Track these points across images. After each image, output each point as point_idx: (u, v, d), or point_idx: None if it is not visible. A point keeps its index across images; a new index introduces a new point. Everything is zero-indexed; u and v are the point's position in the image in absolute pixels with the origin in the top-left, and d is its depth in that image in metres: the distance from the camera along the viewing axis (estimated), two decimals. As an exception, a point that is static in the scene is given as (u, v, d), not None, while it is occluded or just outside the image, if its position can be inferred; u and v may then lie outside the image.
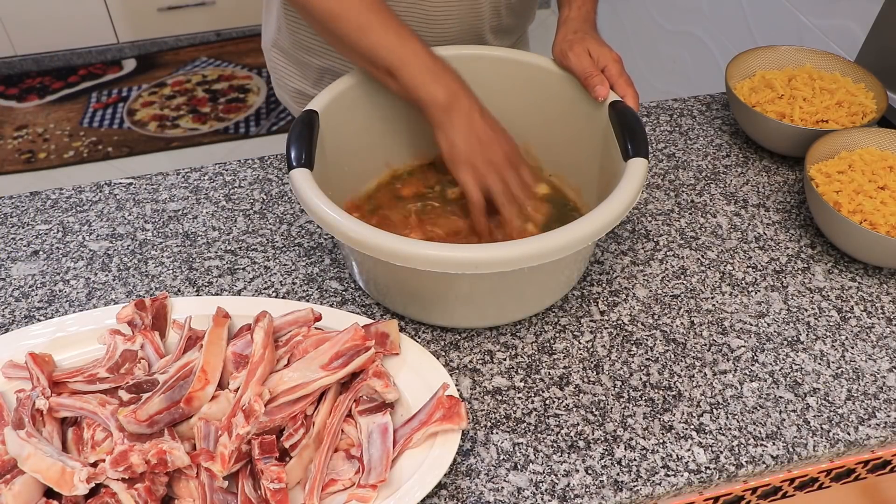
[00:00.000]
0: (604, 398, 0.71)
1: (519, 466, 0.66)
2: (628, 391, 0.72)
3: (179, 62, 2.78)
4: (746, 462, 0.67)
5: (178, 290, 0.80)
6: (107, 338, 0.70)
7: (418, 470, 0.62)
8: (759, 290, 0.82)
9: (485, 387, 0.72)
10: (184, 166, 1.01)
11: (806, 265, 0.85)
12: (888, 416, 0.71)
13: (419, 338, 0.76)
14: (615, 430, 0.69)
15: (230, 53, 2.82)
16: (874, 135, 0.90)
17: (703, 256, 0.85)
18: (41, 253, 0.85)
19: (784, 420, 0.70)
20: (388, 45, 0.75)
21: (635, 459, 0.67)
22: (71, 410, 0.64)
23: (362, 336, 0.67)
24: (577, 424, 0.69)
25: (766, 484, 0.71)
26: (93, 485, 0.59)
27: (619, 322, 0.78)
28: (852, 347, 0.77)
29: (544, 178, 0.88)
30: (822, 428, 0.70)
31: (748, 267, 0.84)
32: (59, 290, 0.80)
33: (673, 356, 0.75)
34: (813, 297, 0.81)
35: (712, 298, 0.81)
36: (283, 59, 1.04)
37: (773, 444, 0.68)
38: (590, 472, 0.66)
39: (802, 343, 0.77)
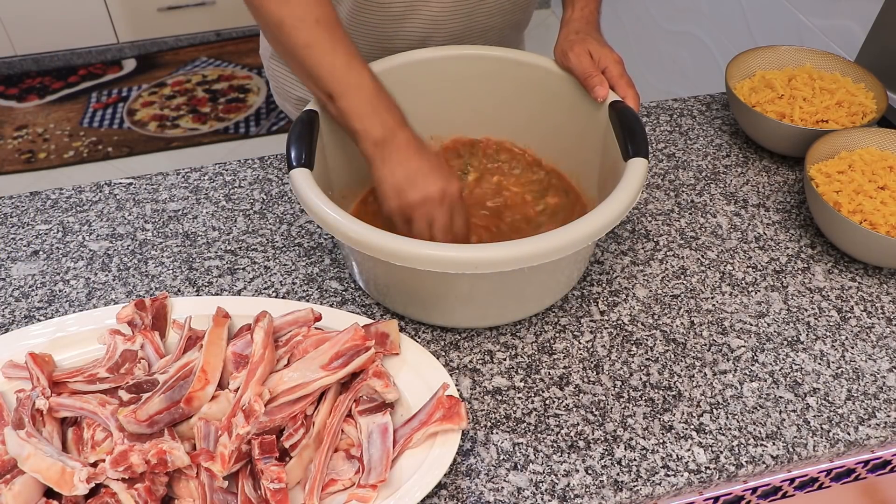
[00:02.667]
0: (604, 398, 0.71)
1: (519, 466, 0.66)
2: (628, 391, 0.72)
3: (179, 62, 2.78)
4: (746, 462, 0.67)
5: (178, 290, 0.80)
6: (107, 338, 0.70)
7: (418, 470, 0.62)
8: (759, 290, 0.82)
9: (485, 387, 0.72)
10: (184, 166, 1.01)
11: (806, 265, 0.85)
12: (888, 416, 0.71)
13: (419, 338, 0.76)
14: (615, 430, 0.69)
15: (230, 53, 2.82)
16: (874, 135, 0.90)
17: (703, 256, 0.85)
18: (41, 253, 0.85)
19: (784, 420, 0.70)
20: (332, 67, 0.71)
21: (635, 459, 0.67)
22: (71, 410, 0.64)
23: (362, 336, 0.67)
24: (577, 424, 0.69)
25: (766, 484, 0.71)
26: (93, 485, 0.59)
27: (619, 322, 0.78)
28: (852, 347, 0.77)
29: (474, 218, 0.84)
30: (822, 428, 0.70)
31: (748, 267, 0.85)
32: (59, 290, 0.80)
33: (673, 356, 0.75)
34: (813, 297, 0.81)
35: (712, 298, 0.81)
36: (283, 69, 1.04)
37: (773, 444, 0.68)
38: (590, 472, 0.66)
39: (802, 343, 0.77)
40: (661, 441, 0.68)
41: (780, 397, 0.72)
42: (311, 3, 0.72)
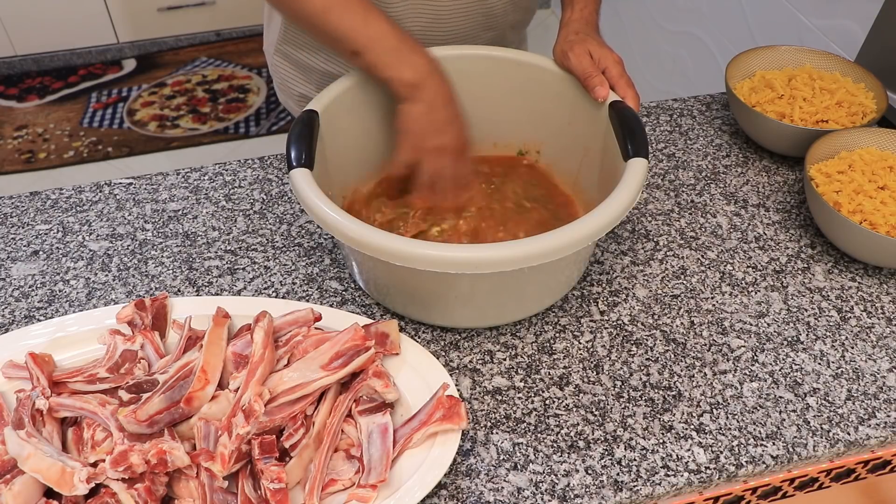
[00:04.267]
0: (604, 398, 0.71)
1: (519, 466, 0.66)
2: (628, 391, 0.72)
3: (179, 62, 2.78)
4: (746, 462, 0.67)
5: (178, 290, 0.80)
6: (107, 338, 0.70)
7: (418, 470, 0.62)
8: (759, 290, 0.82)
9: (485, 387, 0.72)
10: (184, 166, 1.01)
11: (806, 265, 0.85)
12: (888, 416, 0.71)
13: (419, 338, 0.76)
14: (615, 430, 0.69)
15: (230, 53, 2.82)
16: (874, 135, 0.90)
17: (703, 256, 0.85)
18: (41, 253, 0.85)
19: (784, 420, 0.70)
20: (351, 26, 0.75)
21: (635, 459, 0.67)
22: (71, 410, 0.64)
23: (362, 336, 0.67)
24: (577, 424, 0.69)
25: (766, 484, 0.71)
26: (93, 485, 0.59)
27: (619, 322, 0.78)
28: (852, 347, 0.77)
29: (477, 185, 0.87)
30: (822, 428, 0.70)
31: (748, 267, 0.85)
32: (59, 290, 0.80)
33: (673, 356, 0.75)
34: (813, 297, 0.81)
35: (712, 298, 0.81)
36: (286, 65, 1.04)
37: (773, 444, 0.68)
38: (590, 472, 0.66)
39: (802, 343, 0.77)
40: (661, 441, 0.68)
41: (780, 397, 0.72)
42: None
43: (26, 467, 0.58)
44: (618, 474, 0.66)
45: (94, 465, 0.60)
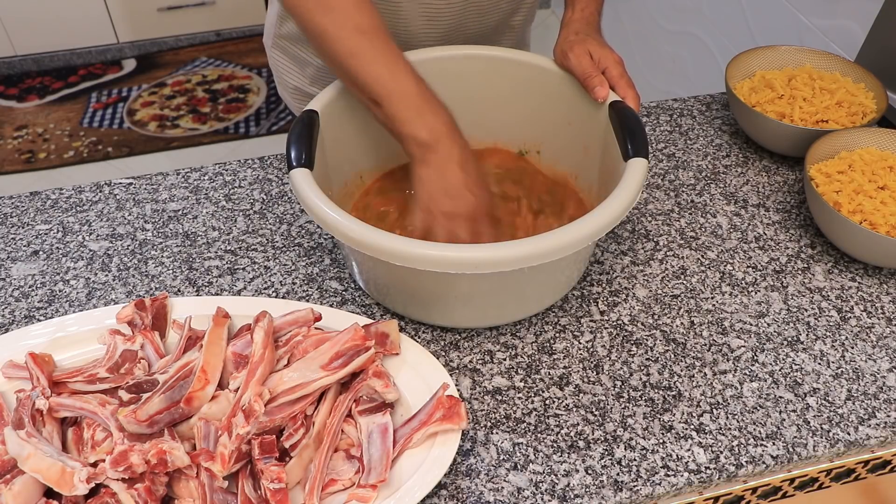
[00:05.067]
0: (604, 398, 0.71)
1: (519, 466, 0.66)
2: (628, 391, 0.72)
3: (179, 62, 2.78)
4: (746, 462, 0.67)
5: (178, 290, 0.80)
6: (107, 338, 0.70)
7: (418, 470, 0.62)
8: (759, 290, 0.82)
9: (485, 387, 0.72)
10: (184, 166, 1.01)
11: (806, 265, 0.85)
12: (888, 416, 0.71)
13: (419, 338, 0.76)
14: (615, 430, 0.69)
15: (230, 53, 2.82)
16: (874, 135, 0.90)
17: (703, 256, 0.85)
18: (41, 253, 0.85)
19: (784, 420, 0.70)
20: (376, 75, 0.72)
21: (635, 459, 0.67)
22: (71, 410, 0.64)
23: (362, 336, 0.67)
24: (577, 424, 0.69)
25: (766, 484, 0.71)
26: (93, 485, 0.59)
27: (619, 322, 0.78)
28: (852, 347, 0.77)
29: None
30: (822, 428, 0.70)
31: (748, 267, 0.84)
32: (59, 290, 0.80)
33: (673, 356, 0.75)
34: (813, 297, 0.81)
35: (712, 298, 0.81)
36: (283, 57, 1.04)
37: (773, 444, 0.68)
38: (590, 472, 0.66)
39: (802, 343, 0.77)
40: (661, 441, 0.68)
41: (780, 397, 0.72)
42: (352, 11, 0.73)
43: (26, 467, 0.58)
44: (618, 474, 0.66)
45: (94, 465, 0.60)
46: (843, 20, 1.32)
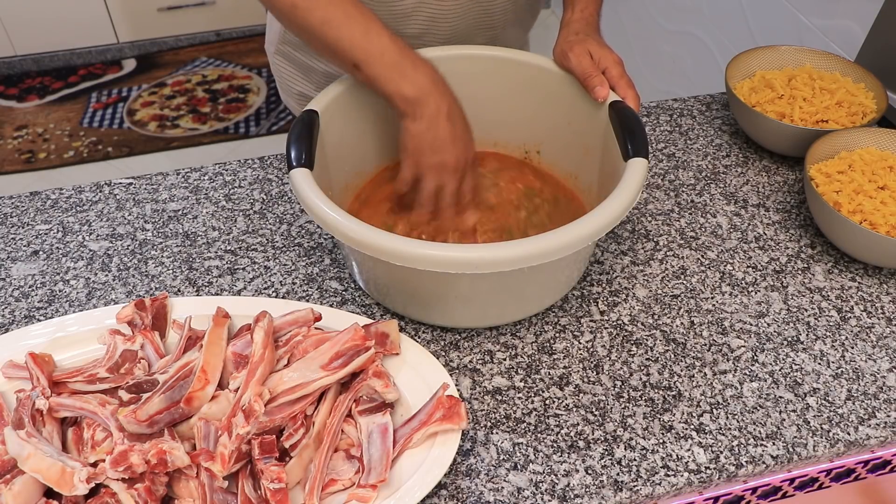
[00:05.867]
0: (604, 398, 0.71)
1: (519, 466, 0.66)
2: (628, 391, 0.72)
3: (179, 62, 2.78)
4: (746, 462, 0.67)
5: (178, 290, 0.80)
6: (107, 338, 0.70)
7: (418, 470, 0.62)
8: (759, 290, 0.82)
9: (485, 387, 0.72)
10: (184, 166, 1.01)
11: (806, 265, 0.85)
12: (888, 416, 0.71)
13: (419, 338, 0.76)
14: (615, 430, 0.69)
15: (230, 53, 2.82)
16: (874, 135, 0.90)
17: (703, 256, 0.85)
18: (41, 253, 0.85)
19: (784, 420, 0.70)
20: (351, 39, 0.73)
21: (635, 459, 0.67)
22: (71, 410, 0.64)
23: (362, 336, 0.67)
24: (577, 424, 0.69)
25: (766, 484, 0.71)
26: (93, 485, 0.59)
27: (619, 322, 0.78)
28: (852, 347, 0.77)
29: (483, 198, 0.86)
30: (822, 428, 0.70)
31: (748, 267, 0.85)
32: (59, 290, 0.80)
33: (673, 356, 0.75)
34: (813, 297, 0.81)
35: (712, 298, 0.81)
36: (286, 65, 1.04)
37: (773, 444, 0.68)
38: (590, 472, 0.66)
39: (802, 343, 0.77)
40: (661, 441, 0.68)
41: (780, 397, 0.72)
42: None
43: (26, 467, 0.58)
44: (618, 474, 0.66)
45: (94, 465, 0.60)
46: (843, 20, 1.32)
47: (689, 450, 0.68)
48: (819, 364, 0.75)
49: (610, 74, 0.80)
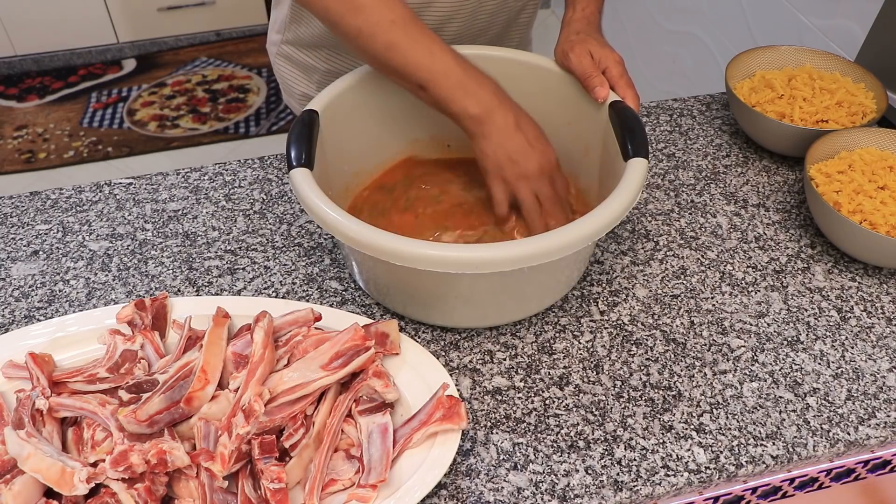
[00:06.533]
0: (604, 398, 0.71)
1: (519, 466, 0.66)
2: (628, 391, 0.72)
3: (179, 62, 2.78)
4: (746, 462, 0.67)
5: (178, 290, 0.80)
6: (107, 338, 0.70)
7: (418, 470, 0.62)
8: (759, 290, 0.82)
9: (485, 387, 0.72)
10: (184, 166, 1.01)
11: (806, 265, 0.85)
12: (888, 416, 0.71)
13: (419, 338, 0.76)
14: (615, 430, 0.69)
15: (230, 53, 2.82)
16: (874, 135, 0.90)
17: (703, 256, 0.85)
18: (41, 253, 0.85)
19: (784, 420, 0.70)
20: (416, 62, 0.74)
21: (635, 459, 0.67)
22: (71, 410, 0.64)
23: (362, 336, 0.67)
24: (577, 424, 0.69)
25: (766, 484, 0.71)
26: (93, 485, 0.59)
27: (619, 322, 0.78)
28: (852, 347, 0.77)
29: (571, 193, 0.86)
30: (822, 428, 0.70)
31: (748, 267, 0.85)
32: (59, 290, 0.80)
33: (673, 356, 0.75)
34: (813, 297, 0.81)
35: (712, 298, 0.81)
36: (288, 65, 1.04)
37: (773, 444, 0.68)
38: (590, 472, 0.66)
39: (802, 343, 0.77)
40: (661, 441, 0.68)
41: (780, 397, 0.72)
42: (383, 7, 0.74)
43: (26, 467, 0.58)
44: (618, 474, 0.66)
45: (94, 465, 0.60)
46: (843, 20, 1.32)
47: (689, 450, 0.68)
48: (819, 364, 0.75)
49: (610, 74, 0.80)
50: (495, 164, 0.75)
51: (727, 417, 0.70)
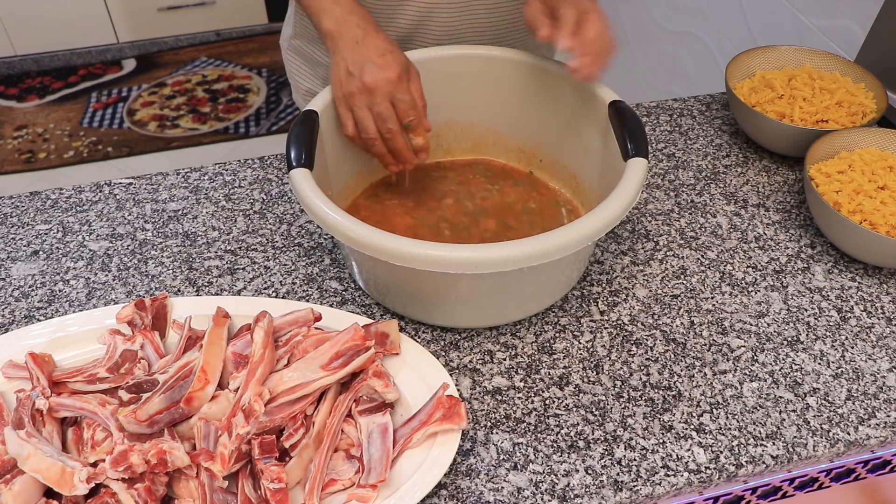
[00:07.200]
0: (604, 398, 0.71)
1: (519, 466, 0.66)
2: (628, 391, 0.72)
3: (179, 62, 2.78)
4: (746, 462, 0.67)
5: (178, 290, 0.80)
6: (107, 338, 0.70)
7: (418, 470, 0.62)
8: (759, 290, 0.82)
9: (485, 387, 0.72)
10: (184, 166, 1.01)
11: (806, 265, 0.85)
12: (888, 416, 0.71)
13: (419, 338, 0.76)
14: (615, 430, 0.69)
15: (230, 53, 2.82)
16: (874, 135, 0.90)
17: (703, 256, 0.85)
18: (41, 253, 0.85)
19: (784, 420, 0.70)
20: (320, 4, 0.75)
21: (635, 459, 0.67)
22: (71, 410, 0.64)
23: (362, 336, 0.67)
24: (577, 424, 0.69)
25: (766, 484, 0.71)
26: (93, 485, 0.59)
27: (619, 322, 0.78)
28: (852, 347, 0.77)
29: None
30: (822, 428, 0.70)
31: (748, 267, 0.85)
32: (59, 290, 0.80)
33: (673, 356, 0.75)
34: (813, 297, 0.81)
35: (712, 298, 0.81)
36: (297, 60, 1.05)
37: (773, 444, 0.68)
38: (590, 472, 0.66)
39: (802, 343, 0.77)
40: (661, 441, 0.68)
41: (780, 397, 0.72)
42: None
43: (26, 467, 0.58)
44: (618, 474, 0.66)
45: (94, 465, 0.60)
46: (843, 20, 1.32)
47: (689, 450, 0.68)
48: (819, 364, 0.75)
49: (566, 21, 0.71)
50: (336, 79, 0.74)
51: (727, 417, 0.70)
